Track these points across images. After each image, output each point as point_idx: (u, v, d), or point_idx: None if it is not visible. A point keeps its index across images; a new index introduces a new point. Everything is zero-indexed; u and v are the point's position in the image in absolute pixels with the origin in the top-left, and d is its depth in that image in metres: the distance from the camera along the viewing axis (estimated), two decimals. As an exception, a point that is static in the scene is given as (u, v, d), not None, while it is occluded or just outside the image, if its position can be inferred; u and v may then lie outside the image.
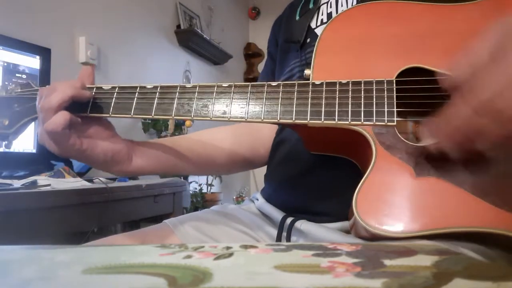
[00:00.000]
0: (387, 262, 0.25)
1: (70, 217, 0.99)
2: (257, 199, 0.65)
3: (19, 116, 0.54)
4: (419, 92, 0.44)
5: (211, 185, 2.50)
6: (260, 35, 3.63)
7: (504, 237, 0.36)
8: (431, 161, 0.41)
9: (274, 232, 0.58)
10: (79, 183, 1.08)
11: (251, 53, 3.63)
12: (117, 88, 0.52)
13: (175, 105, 0.50)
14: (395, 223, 0.38)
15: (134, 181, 1.42)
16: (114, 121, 0.54)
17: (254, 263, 0.25)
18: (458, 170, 0.39)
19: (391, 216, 0.39)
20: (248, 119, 0.47)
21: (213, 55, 2.84)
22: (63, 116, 0.47)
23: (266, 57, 0.79)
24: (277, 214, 0.58)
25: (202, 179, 2.47)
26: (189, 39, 2.49)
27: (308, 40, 0.62)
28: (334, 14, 0.61)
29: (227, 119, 0.48)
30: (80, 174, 1.31)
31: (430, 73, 0.45)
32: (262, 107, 0.47)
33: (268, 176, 0.66)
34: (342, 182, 0.52)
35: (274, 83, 0.48)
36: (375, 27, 0.49)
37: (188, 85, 0.51)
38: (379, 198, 0.40)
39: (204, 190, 2.42)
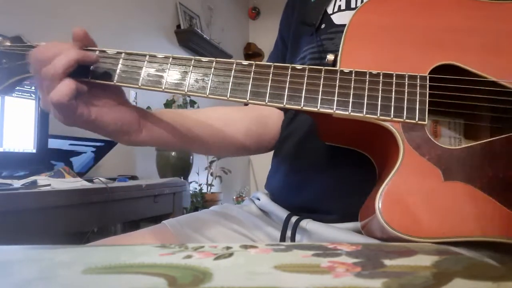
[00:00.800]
0: (387, 262, 0.25)
1: (70, 217, 0.99)
2: (258, 199, 0.64)
3: (8, 73, 0.48)
4: (452, 91, 0.42)
5: (211, 185, 2.50)
6: (260, 35, 3.63)
7: None
8: (462, 166, 0.39)
9: (275, 232, 0.58)
10: (79, 183, 1.08)
11: (251, 53, 3.63)
12: (123, 54, 0.47)
13: (188, 80, 0.45)
14: (417, 227, 0.37)
15: (134, 181, 1.42)
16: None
17: (254, 263, 0.25)
18: (489, 177, 0.38)
19: (414, 219, 0.37)
20: (268, 103, 0.44)
21: (213, 55, 2.83)
22: (69, 85, 0.42)
23: (276, 38, 0.74)
24: (281, 213, 0.57)
25: (202, 179, 2.47)
26: (189, 39, 2.49)
27: (323, 26, 0.59)
28: (353, 2, 0.58)
29: (245, 100, 0.44)
30: (80, 174, 1.31)
31: (464, 72, 0.43)
32: (285, 91, 0.43)
33: (273, 171, 0.64)
34: (350, 181, 0.51)
35: (299, 66, 0.44)
36: (408, 16, 0.46)
37: (204, 59, 0.46)
38: (404, 199, 0.38)
39: (204, 190, 2.42)
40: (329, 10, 0.60)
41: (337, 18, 0.59)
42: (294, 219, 0.55)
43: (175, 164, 1.91)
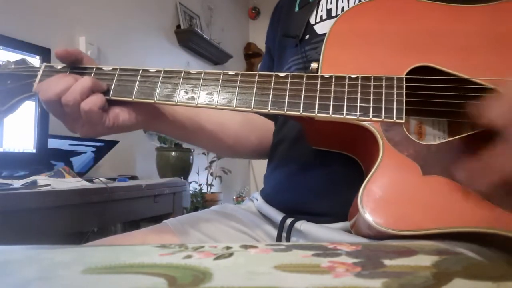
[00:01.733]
0: (387, 262, 0.25)
1: (70, 217, 0.99)
2: (257, 199, 0.65)
3: (12, 93, 0.52)
4: (428, 90, 0.44)
5: (211, 185, 2.50)
6: (260, 35, 3.62)
7: (509, 238, 0.36)
8: (439, 160, 0.41)
9: (273, 231, 0.58)
10: (79, 183, 1.08)
11: (251, 53, 3.63)
12: (118, 70, 0.51)
13: (178, 91, 0.49)
14: (401, 221, 0.38)
15: (134, 181, 1.42)
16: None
17: (254, 263, 0.25)
18: (466, 171, 0.39)
19: (397, 213, 0.39)
20: (254, 109, 0.46)
21: (213, 55, 2.84)
22: (99, 97, 0.48)
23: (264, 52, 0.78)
24: (277, 215, 0.58)
25: (202, 179, 2.47)
26: (189, 39, 2.49)
27: (307, 37, 0.61)
28: (333, 11, 0.60)
29: (232, 107, 0.47)
30: (80, 174, 1.31)
31: (440, 72, 0.45)
32: (269, 98, 0.46)
33: (268, 176, 0.65)
34: (341, 182, 0.52)
35: (282, 74, 0.47)
36: (385, 22, 0.49)
37: (193, 71, 0.49)
38: (385, 195, 0.40)
39: (204, 190, 2.42)
40: (312, 21, 0.62)
41: (320, 28, 0.61)
42: (289, 221, 0.56)
43: (175, 164, 1.91)
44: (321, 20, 0.61)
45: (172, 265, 0.24)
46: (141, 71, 0.50)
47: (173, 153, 1.91)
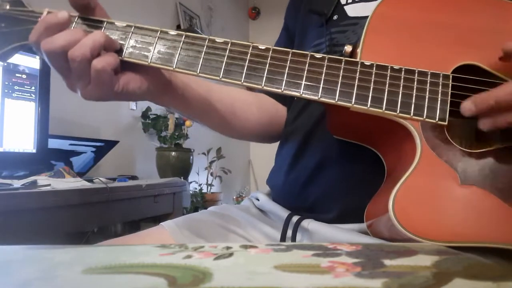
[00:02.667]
0: (387, 262, 0.25)
1: (70, 217, 0.99)
2: (257, 199, 0.64)
3: (7, 39, 0.45)
4: (473, 92, 0.41)
5: (211, 185, 2.50)
6: (260, 35, 3.63)
7: None
8: (479, 170, 0.39)
9: (273, 232, 0.57)
10: (79, 183, 1.08)
11: (251, 53, 3.62)
12: (133, 28, 0.45)
13: (201, 60, 0.43)
14: (432, 230, 0.36)
15: (134, 181, 1.42)
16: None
17: (254, 263, 0.25)
18: (506, 182, 0.38)
19: (429, 222, 0.37)
20: (284, 91, 0.42)
21: (213, 55, 2.84)
22: (114, 56, 0.43)
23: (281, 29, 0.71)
24: (282, 213, 0.57)
25: (202, 179, 2.47)
26: (189, 39, 2.49)
27: (335, 17, 0.56)
28: None
29: (260, 86, 0.42)
30: (80, 174, 1.31)
31: (487, 73, 0.42)
32: (302, 80, 0.42)
33: (277, 168, 0.63)
34: (356, 182, 0.50)
35: (318, 55, 0.43)
36: (433, 11, 0.45)
37: (218, 40, 0.44)
38: (419, 201, 0.38)
39: (204, 190, 2.42)
40: (342, 1, 0.58)
41: (351, 10, 0.57)
42: (295, 218, 0.54)
43: (175, 164, 1.91)
44: (353, 1, 0.57)
45: (172, 265, 0.24)
46: (159, 32, 0.44)
47: (173, 153, 1.91)
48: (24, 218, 0.87)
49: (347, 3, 0.57)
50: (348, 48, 0.45)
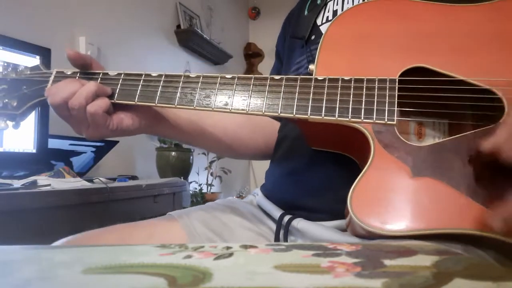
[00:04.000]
0: (387, 262, 0.25)
1: (70, 217, 0.99)
2: (258, 194, 0.67)
3: (27, 98, 0.55)
4: (422, 92, 0.44)
5: (211, 185, 2.50)
6: (260, 35, 3.63)
7: (496, 241, 0.36)
8: (430, 162, 0.41)
9: (273, 225, 0.60)
10: (79, 183, 1.08)
11: (251, 53, 3.62)
12: (122, 75, 0.53)
13: (178, 94, 0.50)
14: (390, 221, 0.39)
15: (134, 181, 1.42)
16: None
17: (254, 263, 0.25)
18: (456, 171, 0.40)
19: (386, 214, 0.39)
20: (249, 111, 0.48)
21: (213, 55, 2.84)
22: (104, 100, 0.51)
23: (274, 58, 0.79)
24: (275, 211, 0.59)
25: (202, 179, 2.47)
26: (189, 39, 2.49)
27: (313, 37, 0.63)
28: (339, 11, 0.61)
29: (228, 110, 0.48)
30: (80, 174, 1.31)
31: (434, 73, 0.45)
32: (264, 100, 0.47)
33: (269, 172, 0.67)
34: (339, 180, 0.52)
35: (277, 77, 0.48)
36: (381, 24, 0.49)
37: (192, 75, 0.51)
38: (375, 196, 0.40)
39: (204, 190, 2.42)
40: (318, 22, 0.64)
41: (325, 28, 0.62)
42: (286, 218, 0.57)
43: (175, 164, 1.91)
44: (327, 20, 0.62)
45: (172, 265, 0.24)
46: (143, 75, 0.52)
47: (173, 153, 1.91)
48: (24, 218, 0.87)
49: (322, 24, 0.63)
50: (312, 67, 0.50)
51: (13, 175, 1.06)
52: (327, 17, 0.63)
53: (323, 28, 0.62)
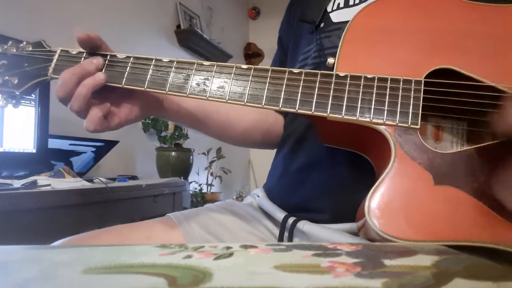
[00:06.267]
0: (387, 262, 0.25)
1: (70, 217, 0.99)
2: (258, 196, 0.65)
3: (29, 76, 0.52)
4: (448, 95, 0.42)
5: (211, 185, 2.50)
6: (260, 35, 3.63)
7: None
8: (452, 170, 0.39)
9: (274, 228, 0.58)
10: (79, 183, 1.08)
11: (251, 53, 3.62)
12: (132, 58, 0.50)
13: (190, 83, 0.48)
14: (409, 231, 0.37)
15: (134, 181, 1.42)
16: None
17: (254, 263, 0.25)
18: (480, 182, 0.38)
19: (404, 223, 0.37)
20: (264, 105, 0.45)
21: (213, 55, 2.84)
22: (97, 115, 0.48)
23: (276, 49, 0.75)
24: (278, 213, 0.58)
25: (202, 179, 2.47)
26: (189, 39, 2.49)
27: (322, 24, 0.59)
28: (352, 0, 0.58)
29: (243, 103, 0.46)
30: (80, 174, 1.31)
31: (462, 76, 0.42)
32: (281, 94, 0.45)
33: (273, 171, 0.64)
34: (347, 182, 0.51)
35: (296, 70, 0.45)
36: (408, 19, 0.46)
37: (205, 63, 0.49)
38: (394, 203, 0.38)
39: (204, 190, 2.42)
40: (329, 8, 0.60)
41: (335, 16, 0.59)
42: (291, 220, 0.55)
43: (175, 164, 1.91)
44: (338, 8, 0.59)
45: (172, 265, 0.24)
46: (154, 60, 0.49)
47: (173, 153, 1.91)
48: (24, 218, 0.87)
49: (332, 11, 0.60)
50: (331, 60, 0.48)
51: (13, 175, 1.06)
52: (338, 4, 0.59)
53: (333, 16, 0.59)
